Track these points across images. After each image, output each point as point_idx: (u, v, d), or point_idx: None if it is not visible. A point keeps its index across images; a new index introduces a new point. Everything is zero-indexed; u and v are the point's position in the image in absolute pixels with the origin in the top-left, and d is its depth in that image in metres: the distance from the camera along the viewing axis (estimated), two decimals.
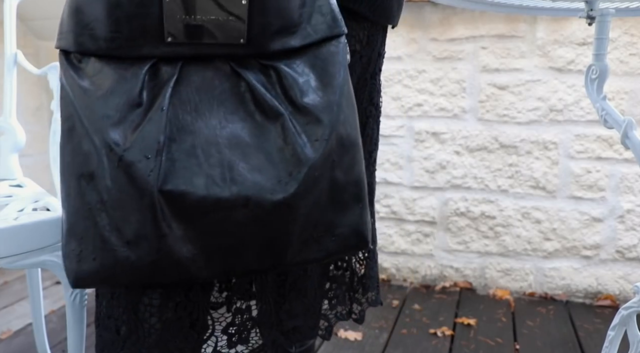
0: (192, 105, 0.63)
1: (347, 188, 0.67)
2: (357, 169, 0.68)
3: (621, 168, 1.67)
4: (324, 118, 0.65)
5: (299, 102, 0.64)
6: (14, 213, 0.97)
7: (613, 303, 1.70)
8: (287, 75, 0.65)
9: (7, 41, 1.25)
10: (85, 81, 0.62)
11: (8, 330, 1.55)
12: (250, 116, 0.64)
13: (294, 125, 0.64)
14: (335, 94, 0.66)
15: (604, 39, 0.89)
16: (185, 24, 0.63)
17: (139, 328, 0.73)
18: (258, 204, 0.61)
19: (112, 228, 0.59)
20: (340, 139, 0.66)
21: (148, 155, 0.59)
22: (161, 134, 0.59)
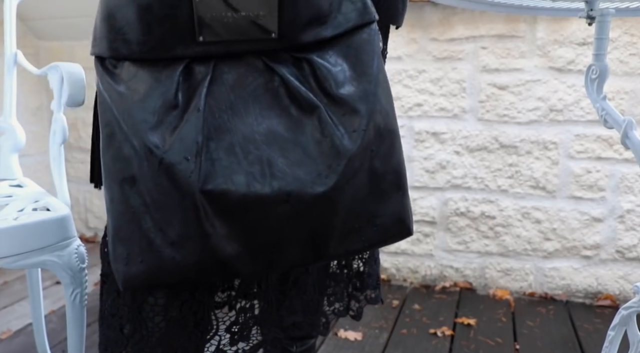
0: (227, 103, 0.63)
1: (387, 177, 0.67)
2: (395, 158, 0.68)
3: (621, 168, 1.66)
4: (360, 108, 0.65)
5: (334, 93, 0.64)
6: (14, 213, 0.97)
7: (613, 303, 1.70)
8: (321, 66, 0.65)
9: (7, 41, 1.25)
10: (121, 86, 0.63)
11: (8, 330, 1.55)
12: (286, 111, 0.64)
13: (331, 117, 0.63)
14: (370, 83, 0.66)
15: (604, 39, 0.89)
16: (217, 23, 0.63)
17: (143, 327, 0.73)
18: (299, 198, 0.61)
19: (157, 230, 0.60)
20: (377, 128, 0.66)
21: (188, 156, 0.59)
22: (199, 135, 0.60)
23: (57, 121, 1.04)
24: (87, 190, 2.38)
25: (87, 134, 2.33)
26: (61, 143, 1.04)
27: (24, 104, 2.26)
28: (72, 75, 1.03)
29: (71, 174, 2.37)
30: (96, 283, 1.90)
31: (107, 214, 0.63)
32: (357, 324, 1.57)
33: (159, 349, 0.74)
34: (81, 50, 2.26)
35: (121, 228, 0.61)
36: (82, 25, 2.18)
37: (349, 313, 0.99)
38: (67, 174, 1.89)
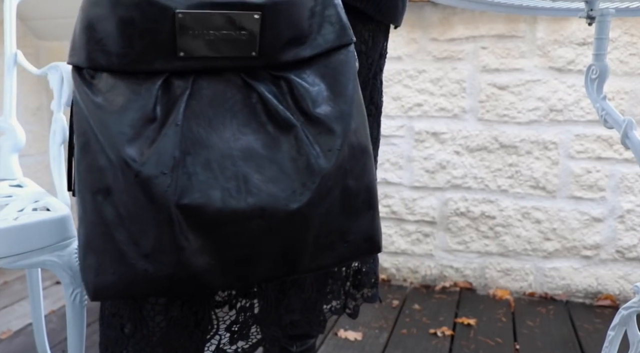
0: (205, 118, 0.63)
1: (359, 195, 0.68)
2: (368, 176, 0.69)
3: (621, 168, 1.67)
4: (336, 128, 0.66)
5: (311, 112, 0.65)
6: (14, 213, 0.97)
7: (613, 303, 1.70)
8: (298, 85, 0.66)
9: (7, 41, 1.25)
10: (99, 97, 0.62)
11: (8, 330, 1.55)
12: (263, 127, 0.65)
13: (307, 136, 0.64)
14: (346, 103, 0.67)
15: (604, 39, 0.89)
16: (198, 39, 0.63)
17: (144, 326, 0.74)
18: (273, 214, 0.62)
19: (130, 242, 0.60)
20: (352, 147, 0.67)
21: (164, 170, 0.59)
22: (176, 149, 0.60)
23: (57, 121, 1.04)
24: None
25: None
26: (61, 143, 1.04)
27: (24, 104, 2.26)
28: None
29: None
30: None
31: (79, 224, 0.63)
32: (357, 324, 1.57)
33: (160, 349, 0.75)
34: None
35: (93, 238, 0.62)
36: None
37: (346, 312, 0.99)
38: None
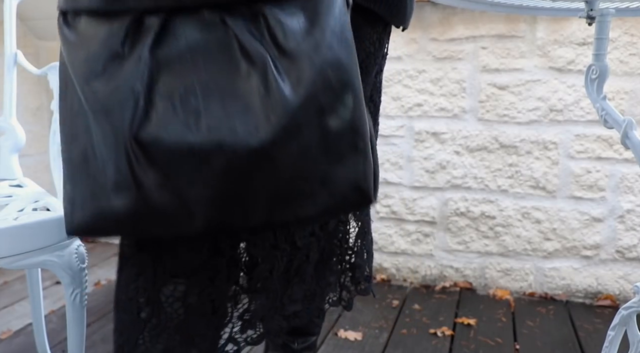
0: (174, 54, 0.62)
1: (343, 136, 0.62)
2: (354, 115, 0.63)
3: (621, 168, 1.66)
4: (308, 60, 0.61)
5: (284, 45, 0.61)
6: (14, 213, 0.97)
7: (613, 303, 1.70)
8: (276, 19, 0.62)
9: (7, 41, 1.25)
10: (76, 37, 0.64)
11: (8, 330, 1.55)
12: (235, 64, 0.62)
13: (277, 69, 0.60)
14: (323, 34, 0.62)
15: (604, 39, 0.89)
16: None
17: (161, 313, 0.73)
18: (233, 151, 0.59)
19: (97, 178, 0.61)
20: (328, 81, 0.61)
21: (125, 103, 0.59)
22: (137, 82, 0.59)
23: (57, 121, 1.04)
24: None
25: None
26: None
27: (24, 104, 2.26)
28: None
29: None
30: (96, 284, 1.90)
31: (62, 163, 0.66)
32: (357, 324, 1.57)
33: (177, 336, 0.73)
34: None
35: (69, 173, 0.64)
36: None
37: (341, 304, 0.98)
38: None
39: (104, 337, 1.50)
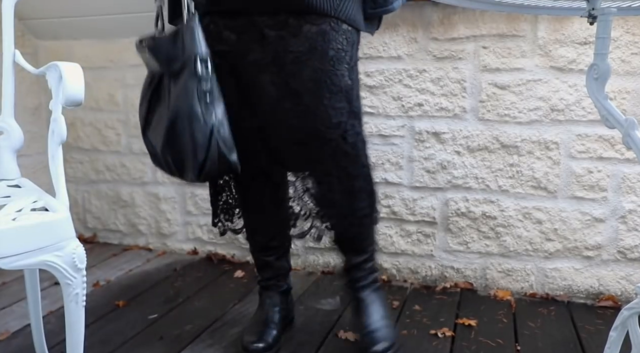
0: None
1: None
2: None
3: (623, 168, 1.66)
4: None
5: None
6: (13, 213, 0.97)
7: (615, 304, 1.69)
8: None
9: (5, 40, 1.24)
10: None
11: (6, 331, 1.54)
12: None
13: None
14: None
15: (606, 39, 0.89)
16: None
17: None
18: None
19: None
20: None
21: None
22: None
23: (56, 121, 1.03)
24: (86, 190, 2.38)
25: (85, 133, 2.32)
26: (60, 143, 1.04)
27: (23, 104, 2.26)
28: (71, 74, 1.03)
29: (70, 174, 2.37)
30: (95, 284, 1.89)
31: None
32: None
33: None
34: (80, 49, 2.25)
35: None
36: (80, 24, 2.18)
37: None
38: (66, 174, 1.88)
39: (103, 338, 1.50)
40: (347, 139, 1.23)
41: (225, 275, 1.98)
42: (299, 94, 1.19)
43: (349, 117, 1.22)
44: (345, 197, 1.27)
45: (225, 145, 1.08)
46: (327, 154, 1.23)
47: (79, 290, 0.99)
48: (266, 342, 1.37)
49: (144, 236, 2.30)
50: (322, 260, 2.01)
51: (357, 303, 1.38)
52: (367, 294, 1.38)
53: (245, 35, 1.19)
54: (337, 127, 1.21)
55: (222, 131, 1.08)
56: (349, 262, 1.37)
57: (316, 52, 1.17)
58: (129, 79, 2.19)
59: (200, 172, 1.09)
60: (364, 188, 1.29)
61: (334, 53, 1.18)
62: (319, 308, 1.69)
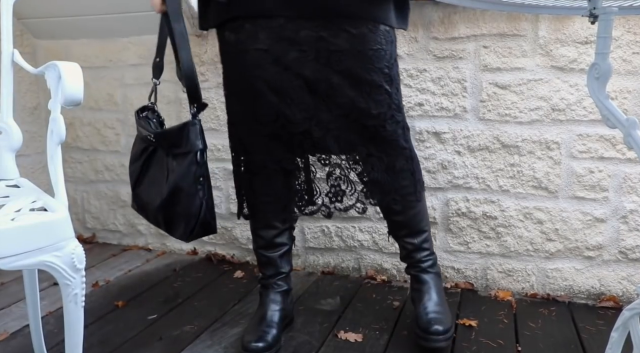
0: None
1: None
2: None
3: (624, 168, 1.65)
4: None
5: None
6: (11, 213, 0.97)
7: (616, 305, 1.68)
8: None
9: (4, 40, 1.24)
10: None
11: (5, 331, 1.54)
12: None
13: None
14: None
15: (607, 38, 0.88)
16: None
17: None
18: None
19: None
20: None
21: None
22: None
23: (55, 121, 1.03)
24: (85, 190, 2.37)
25: (84, 133, 2.32)
26: (58, 143, 1.03)
27: (21, 104, 2.25)
28: (70, 74, 1.02)
29: (69, 174, 2.36)
30: (94, 285, 1.89)
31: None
32: (358, 325, 1.56)
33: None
34: (79, 48, 2.25)
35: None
36: (79, 24, 2.17)
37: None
38: (65, 174, 1.88)
39: (102, 339, 1.49)
40: (387, 127, 1.35)
41: (225, 276, 1.97)
42: (342, 88, 1.31)
43: (388, 108, 1.34)
44: (386, 175, 1.40)
45: (209, 214, 1.33)
46: (367, 139, 1.37)
47: (78, 290, 0.98)
48: (266, 342, 1.38)
49: (144, 236, 2.29)
50: (322, 260, 2.00)
51: (419, 286, 1.48)
52: (430, 277, 1.49)
53: (284, 36, 1.28)
54: (376, 117, 1.34)
55: (210, 203, 1.33)
56: (406, 246, 1.49)
57: (356, 53, 1.28)
58: (128, 79, 2.19)
59: (190, 234, 1.33)
60: (405, 168, 1.40)
61: (372, 53, 1.29)
62: (319, 308, 1.68)
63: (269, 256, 1.50)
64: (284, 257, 1.52)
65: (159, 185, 1.35)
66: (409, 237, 1.48)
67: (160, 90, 1.53)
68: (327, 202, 1.54)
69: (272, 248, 1.50)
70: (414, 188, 1.43)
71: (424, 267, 1.48)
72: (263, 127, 1.37)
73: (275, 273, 1.51)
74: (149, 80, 1.47)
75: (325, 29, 1.27)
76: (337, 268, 1.99)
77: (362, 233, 1.93)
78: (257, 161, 1.43)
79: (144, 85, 2.15)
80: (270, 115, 1.35)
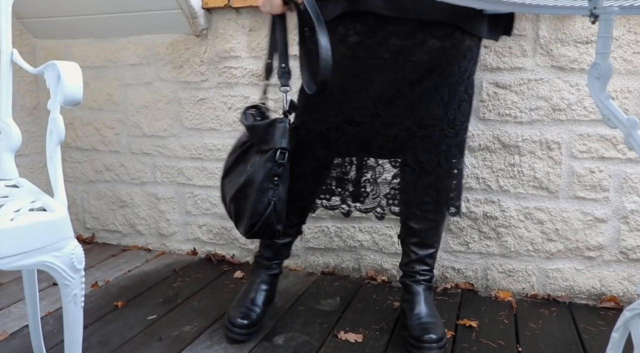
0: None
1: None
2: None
3: (625, 168, 1.65)
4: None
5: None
6: (11, 213, 0.96)
7: (617, 305, 1.68)
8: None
9: (3, 39, 1.24)
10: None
11: (4, 332, 1.54)
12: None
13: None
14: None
15: (608, 38, 0.88)
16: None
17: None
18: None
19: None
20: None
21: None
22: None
23: (54, 120, 1.02)
24: (84, 190, 2.37)
25: (83, 133, 2.32)
26: (58, 143, 1.03)
27: (21, 103, 2.25)
28: (69, 73, 1.02)
29: (68, 174, 2.36)
30: (93, 285, 1.89)
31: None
32: (358, 326, 1.55)
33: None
34: (78, 48, 2.24)
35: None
36: (79, 23, 2.17)
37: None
38: (64, 174, 1.88)
39: (102, 339, 1.49)
40: (432, 138, 1.38)
41: (224, 276, 1.97)
42: (405, 95, 1.34)
43: (440, 121, 1.37)
44: (412, 188, 1.43)
45: (276, 217, 1.32)
46: (410, 148, 1.40)
47: (77, 290, 0.98)
48: (250, 320, 1.49)
49: (143, 236, 2.29)
50: (322, 260, 2.00)
51: (411, 296, 1.49)
52: (423, 289, 1.50)
53: (371, 40, 1.30)
54: (425, 128, 1.37)
55: (279, 206, 1.32)
56: (410, 254, 1.51)
57: (434, 66, 1.30)
58: (128, 79, 2.18)
59: (249, 231, 1.33)
60: (433, 185, 1.42)
61: (449, 69, 1.31)
62: (319, 308, 1.68)
63: (273, 242, 1.57)
64: (286, 245, 1.60)
65: (240, 177, 1.36)
66: (416, 247, 1.50)
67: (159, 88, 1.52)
68: (350, 200, 1.61)
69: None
70: (436, 209, 1.45)
71: (420, 279, 1.50)
72: (321, 125, 1.41)
73: (273, 257, 1.59)
74: (149, 79, 1.47)
75: (412, 38, 1.28)
76: (337, 268, 1.98)
77: (362, 233, 1.93)
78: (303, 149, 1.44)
79: (143, 85, 2.15)
80: (332, 114, 1.39)
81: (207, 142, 2.10)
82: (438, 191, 1.43)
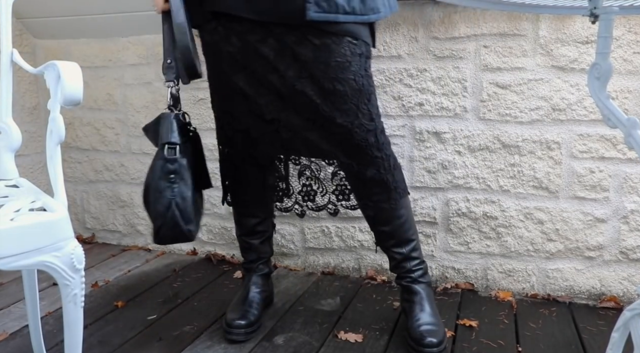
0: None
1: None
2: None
3: (625, 168, 1.65)
4: None
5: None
6: (11, 213, 0.96)
7: (617, 305, 1.68)
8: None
9: (3, 39, 1.24)
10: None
11: (4, 332, 1.53)
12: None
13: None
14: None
15: (608, 38, 0.88)
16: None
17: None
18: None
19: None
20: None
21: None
22: None
23: (54, 120, 1.02)
24: (84, 190, 2.37)
25: (83, 133, 2.32)
26: (58, 143, 1.03)
27: (20, 103, 2.25)
28: (69, 73, 1.02)
29: (68, 174, 2.36)
30: (93, 285, 1.89)
31: None
32: (358, 326, 1.55)
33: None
34: (78, 48, 2.24)
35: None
36: (79, 23, 2.17)
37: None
38: (64, 174, 1.88)
39: (101, 339, 1.49)
40: (354, 136, 1.34)
41: (224, 276, 1.97)
42: (307, 95, 1.31)
43: (355, 117, 1.33)
44: (356, 181, 1.41)
45: (182, 216, 1.24)
46: (335, 145, 1.36)
47: (77, 290, 0.98)
48: (248, 320, 1.49)
49: (143, 236, 2.29)
50: (322, 260, 2.00)
51: (411, 296, 1.47)
52: (421, 288, 1.47)
53: (253, 39, 1.29)
54: (342, 125, 1.33)
55: (182, 205, 1.24)
56: (395, 256, 1.48)
57: (319, 63, 1.28)
58: (128, 79, 2.18)
59: (156, 235, 1.26)
60: (377, 177, 1.39)
61: (336, 64, 1.28)
62: (319, 308, 1.68)
63: (250, 242, 1.60)
64: (264, 243, 1.62)
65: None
66: (396, 247, 1.47)
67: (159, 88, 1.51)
68: (300, 200, 1.63)
69: (253, 235, 1.59)
70: (388, 196, 1.41)
71: (415, 277, 1.48)
72: (238, 123, 1.42)
73: (257, 258, 1.61)
74: (149, 80, 1.47)
75: (290, 37, 1.27)
76: (337, 268, 1.98)
77: (362, 233, 1.93)
78: (237, 155, 1.48)
79: (143, 85, 2.14)
80: (243, 112, 1.39)
81: (207, 142, 2.09)
82: (386, 181, 1.40)
